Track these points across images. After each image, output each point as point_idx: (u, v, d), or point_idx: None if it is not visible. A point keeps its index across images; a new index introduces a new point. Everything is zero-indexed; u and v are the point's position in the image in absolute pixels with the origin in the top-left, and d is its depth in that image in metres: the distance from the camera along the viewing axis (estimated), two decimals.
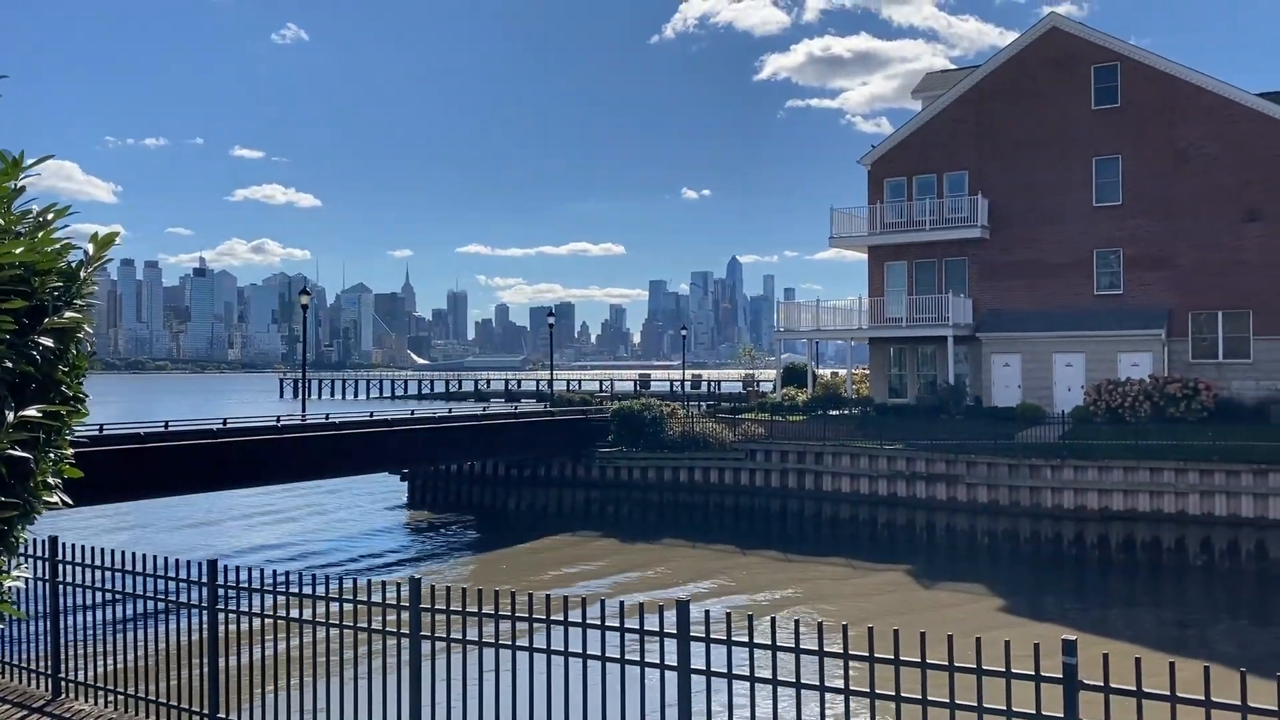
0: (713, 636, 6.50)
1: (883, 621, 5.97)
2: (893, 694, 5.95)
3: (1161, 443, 28.45)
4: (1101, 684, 5.37)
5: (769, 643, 6.31)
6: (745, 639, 6.35)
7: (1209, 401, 33.16)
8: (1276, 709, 5.03)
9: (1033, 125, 39.47)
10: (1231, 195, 36.04)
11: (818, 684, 6.16)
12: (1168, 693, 5.26)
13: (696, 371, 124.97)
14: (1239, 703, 5.10)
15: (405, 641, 7.55)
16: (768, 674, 6.32)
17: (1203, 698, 5.18)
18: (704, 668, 6.52)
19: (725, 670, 6.40)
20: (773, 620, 6.39)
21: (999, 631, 18.22)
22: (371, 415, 32.28)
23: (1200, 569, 25.91)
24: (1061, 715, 5.46)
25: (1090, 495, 27.91)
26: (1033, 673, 5.55)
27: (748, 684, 6.38)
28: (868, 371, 44.84)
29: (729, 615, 6.51)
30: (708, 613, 6.67)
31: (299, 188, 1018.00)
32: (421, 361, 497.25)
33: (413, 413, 35.89)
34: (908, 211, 41.59)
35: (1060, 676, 5.47)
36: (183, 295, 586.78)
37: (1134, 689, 5.32)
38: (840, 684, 6.11)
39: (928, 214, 40.83)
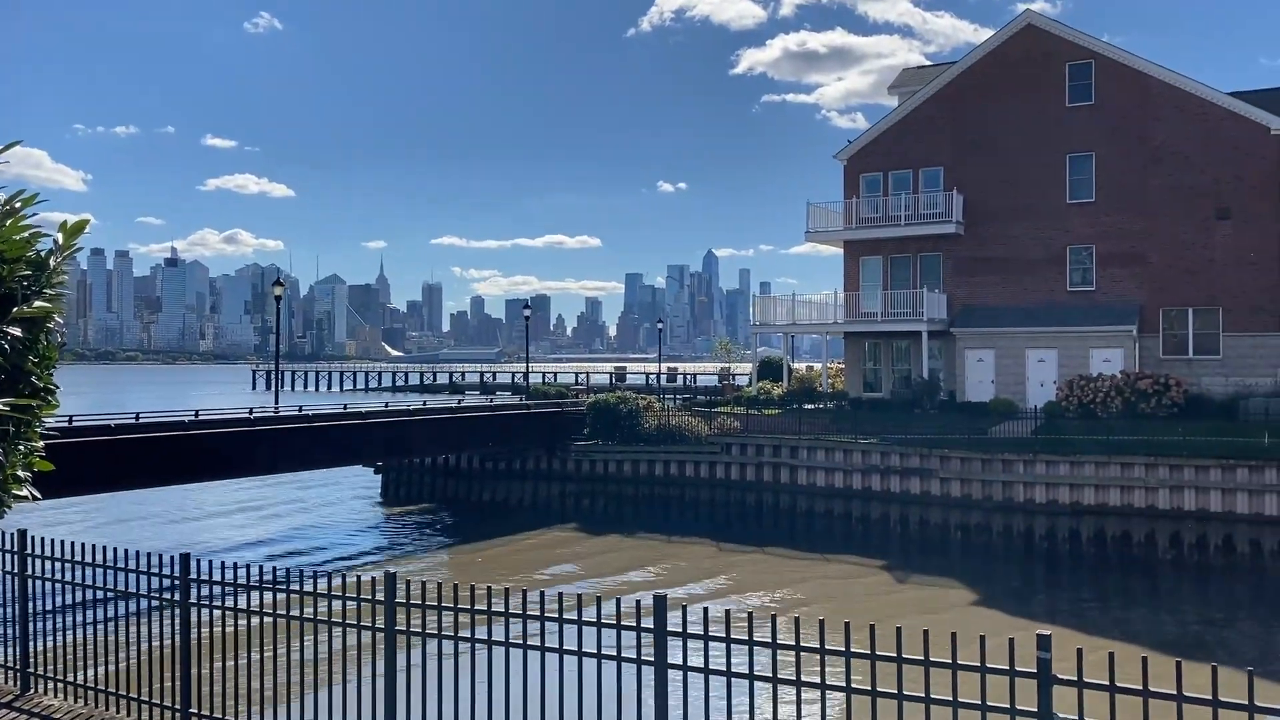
0: (689, 632, 6.49)
1: (859, 616, 5.99)
2: (869, 689, 5.97)
3: (1132, 438, 28.73)
4: (1075, 679, 5.41)
5: (745, 638, 6.31)
6: (721, 634, 6.35)
7: (1179, 397, 33.53)
8: (1248, 704, 5.08)
9: (1008, 122, 39.71)
10: (1202, 193, 36.42)
11: (793, 679, 6.17)
12: (1140, 687, 5.30)
13: (672, 365, 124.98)
14: (1209, 697, 5.14)
15: (380, 636, 7.50)
16: (744, 669, 6.32)
17: (1174, 692, 5.22)
18: (680, 663, 6.51)
19: (702, 666, 6.40)
20: (749, 616, 6.40)
21: (973, 626, 18.34)
22: (345, 407, 32.08)
23: (1169, 563, 26.21)
24: (1035, 709, 5.50)
25: (1062, 490, 28.17)
26: (1007, 667, 5.57)
27: (724, 679, 6.38)
28: (843, 366, 45.02)
29: (705, 610, 6.51)
30: (684, 608, 6.66)
31: (272, 178, 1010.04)
32: (396, 353, 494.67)
33: (387, 405, 35.69)
34: (883, 207, 41.76)
35: (1034, 671, 5.50)
36: (154, 285, 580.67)
37: (1107, 684, 5.36)
38: (817, 679, 6.12)
39: (903, 209, 41.02)
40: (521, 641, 7.06)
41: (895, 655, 5.89)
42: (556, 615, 6.88)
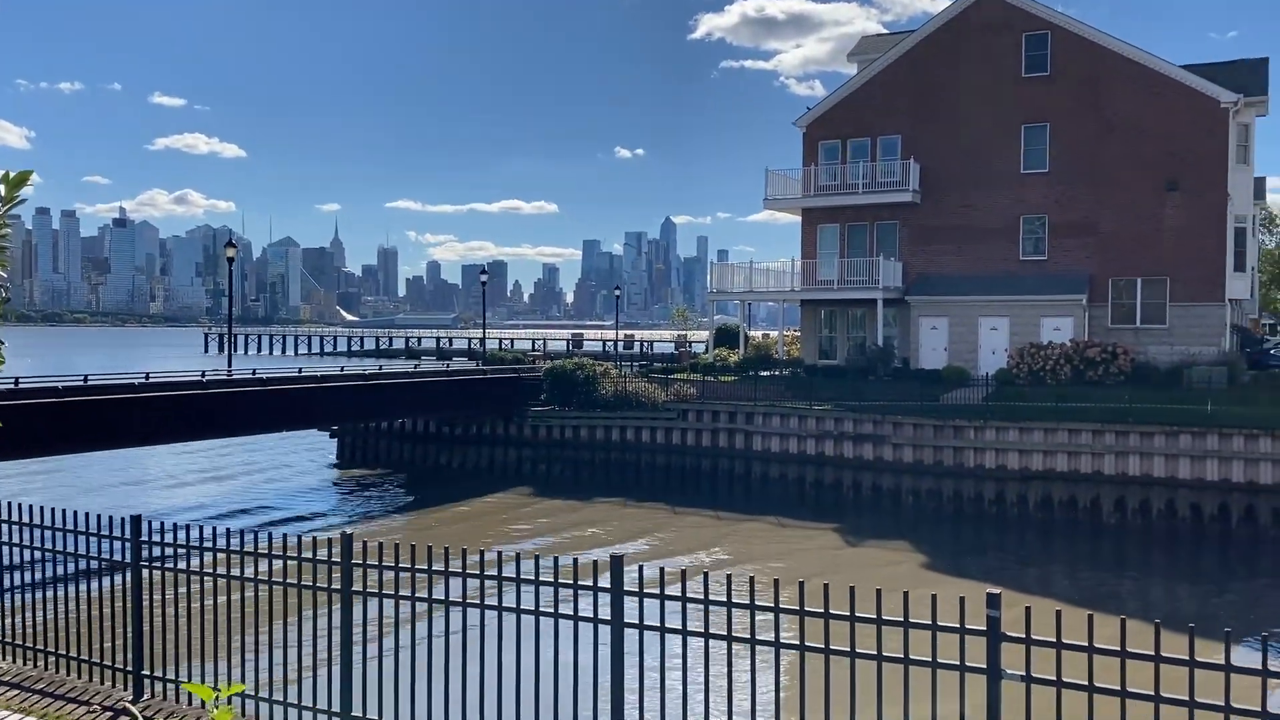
0: (646, 591, 6.56)
1: (813, 578, 6.09)
2: (822, 646, 6.08)
3: (1080, 405, 29.29)
4: (1023, 636, 5.55)
5: (701, 597, 6.39)
6: (678, 594, 6.42)
7: (1126, 365, 34.19)
8: (1188, 659, 5.25)
9: (965, 91, 39.91)
10: (1153, 165, 36.92)
11: (748, 637, 6.26)
12: (1085, 644, 5.46)
13: (629, 332, 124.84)
14: (1152, 653, 5.31)
15: (337, 597, 7.49)
16: (700, 628, 6.41)
17: (1118, 648, 5.38)
18: (637, 621, 6.58)
19: (658, 624, 6.47)
20: (705, 575, 6.47)
21: (925, 588, 18.68)
22: (300, 371, 31.73)
23: (1114, 527, 26.83)
24: (985, 665, 5.64)
25: (1011, 455, 28.67)
26: (958, 625, 5.70)
27: (680, 637, 6.47)
28: (799, 333, 45.30)
29: (662, 570, 6.58)
30: (641, 568, 6.72)
31: (223, 137, 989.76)
32: (351, 318, 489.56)
33: (343, 369, 35.37)
34: (841, 175, 41.88)
35: (984, 629, 5.63)
36: (102, 246, 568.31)
37: (1054, 640, 5.51)
38: (771, 637, 6.22)
39: (860, 177, 41.17)
40: (479, 601, 7.09)
41: (849, 614, 6.00)
42: (514, 575, 6.92)
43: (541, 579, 6.82)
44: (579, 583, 6.70)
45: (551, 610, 6.74)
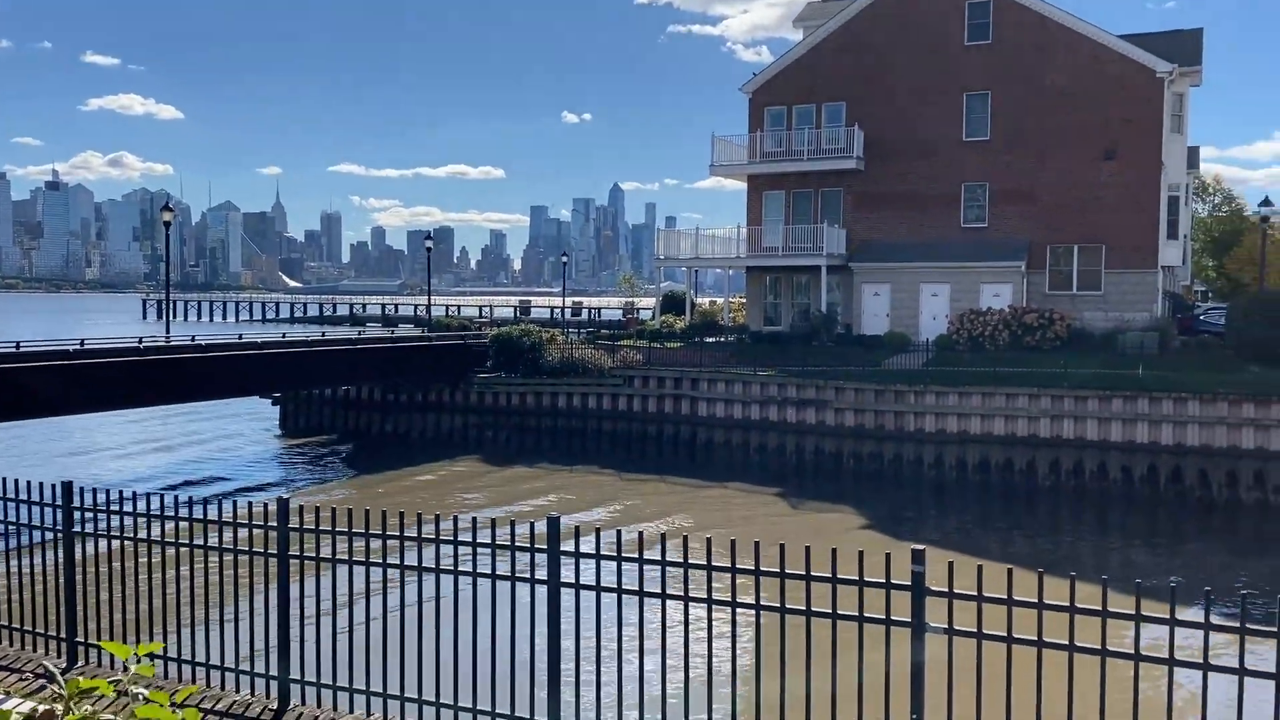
0: (582, 551, 6.64)
1: (750, 539, 6.21)
2: (753, 602, 6.23)
3: (1017, 370, 29.91)
4: (946, 590, 5.74)
5: (635, 556, 6.50)
6: (613, 554, 6.52)
7: (1062, 331, 34.93)
8: (1101, 609, 5.46)
9: (909, 58, 40.16)
10: (1091, 133, 37.55)
11: (682, 594, 6.39)
12: (1005, 597, 5.66)
13: (577, 299, 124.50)
14: (1067, 604, 5.52)
15: (274, 562, 7.48)
16: (635, 587, 6.52)
17: (1035, 600, 5.59)
18: (573, 581, 6.67)
19: (594, 584, 6.57)
20: (640, 535, 6.57)
21: (859, 547, 19.05)
22: (241, 338, 31.27)
23: (1048, 489, 27.52)
24: (909, 619, 5.82)
25: (950, 420, 29.23)
26: (883, 580, 5.87)
27: (615, 595, 6.57)
28: (745, 300, 45.57)
29: (598, 531, 6.66)
30: (577, 528, 6.80)
31: (159, 98, 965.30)
32: (294, 284, 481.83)
33: (284, 336, 34.90)
34: (787, 141, 42.03)
35: (909, 584, 5.81)
36: (34, 210, 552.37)
37: (975, 594, 5.70)
38: (704, 594, 6.35)
39: (806, 144, 41.36)
40: (417, 564, 7.13)
41: (779, 571, 6.15)
42: (452, 538, 6.97)
43: (479, 541, 6.87)
44: (516, 544, 6.77)
45: (488, 572, 6.80)
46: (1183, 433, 26.65)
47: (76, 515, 8.22)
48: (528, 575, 6.73)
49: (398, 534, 7.11)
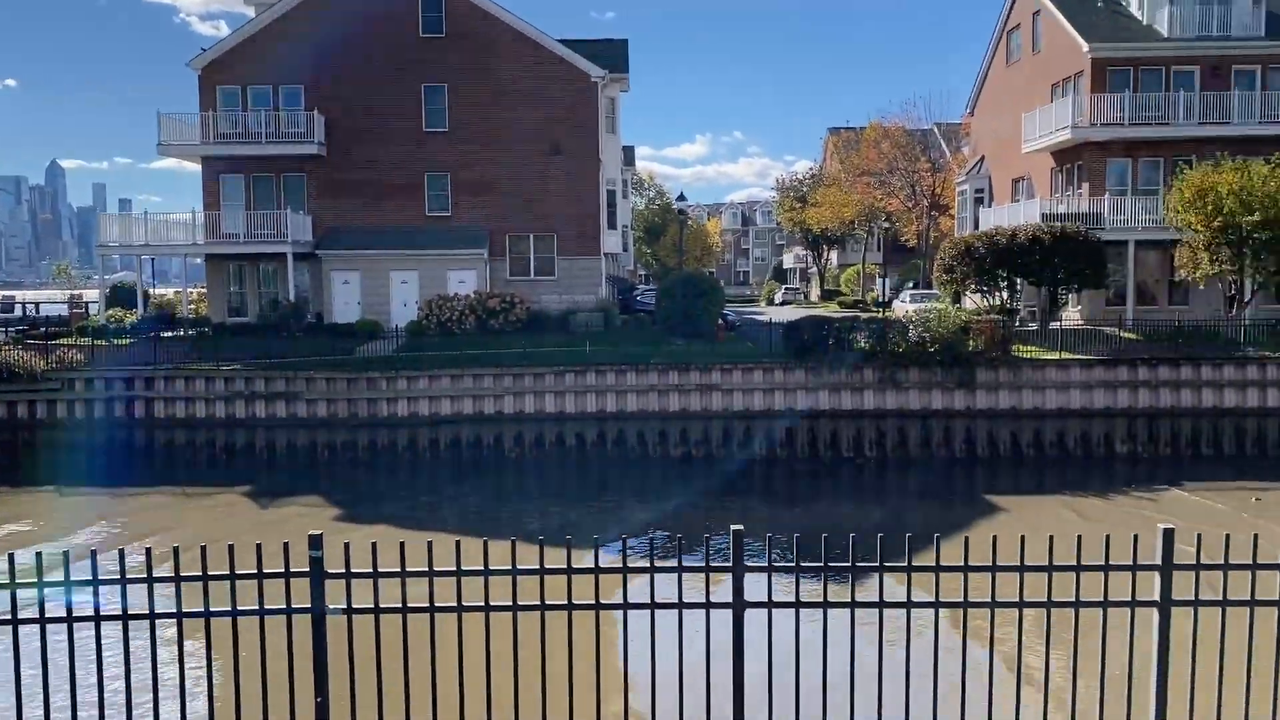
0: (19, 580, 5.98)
1: (217, 543, 6.00)
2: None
3: (483, 352, 31.55)
4: (342, 571, 6.03)
5: (89, 579, 5.94)
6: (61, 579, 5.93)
7: (523, 314, 37.46)
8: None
9: (368, 46, 40.24)
10: (539, 130, 40.53)
11: (148, 614, 6.01)
12: (399, 570, 6.09)
13: (9, 293, 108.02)
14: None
15: None
16: (90, 611, 6.00)
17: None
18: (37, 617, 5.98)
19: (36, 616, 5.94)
20: (93, 554, 6.03)
21: (332, 538, 19.00)
22: None
23: (515, 459, 29.47)
24: (309, 606, 6.03)
25: (422, 403, 30.06)
26: (282, 571, 6.01)
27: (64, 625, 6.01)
28: (206, 290, 42.84)
29: (40, 555, 5.99)
30: (11, 556, 6.07)
31: None
32: None
33: None
34: (243, 122, 40.09)
35: (307, 571, 6.01)
36: None
37: (370, 571, 6.06)
38: (161, 608, 6.05)
39: (263, 126, 39.78)
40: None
41: (200, 576, 6.01)
42: None
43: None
44: None
45: None
46: (623, 400, 29.97)
47: None
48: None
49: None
